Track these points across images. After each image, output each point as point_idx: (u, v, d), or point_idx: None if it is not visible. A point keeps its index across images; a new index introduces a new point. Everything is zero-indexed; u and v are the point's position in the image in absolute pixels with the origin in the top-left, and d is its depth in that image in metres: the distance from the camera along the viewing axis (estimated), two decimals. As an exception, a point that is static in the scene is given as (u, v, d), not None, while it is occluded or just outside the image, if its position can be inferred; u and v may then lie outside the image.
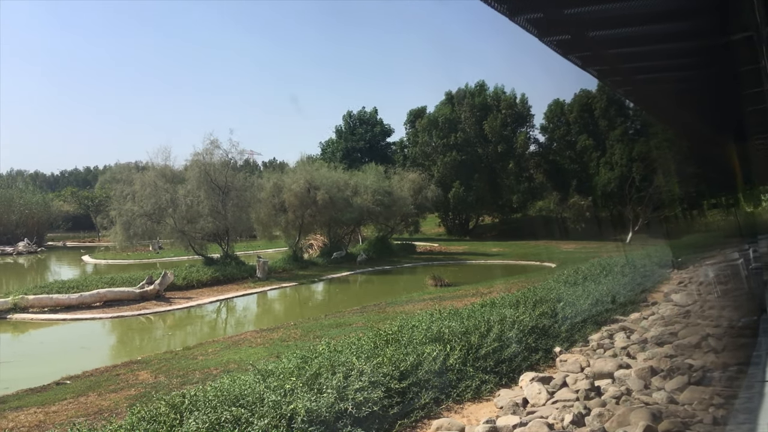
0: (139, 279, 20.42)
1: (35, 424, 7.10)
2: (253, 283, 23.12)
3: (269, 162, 66.08)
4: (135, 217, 23.96)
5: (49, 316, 17.01)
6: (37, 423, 7.17)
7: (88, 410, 7.57)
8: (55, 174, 77.36)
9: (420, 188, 35.87)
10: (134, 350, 13.70)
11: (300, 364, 6.18)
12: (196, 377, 8.87)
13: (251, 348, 11.26)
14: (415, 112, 50.48)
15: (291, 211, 28.66)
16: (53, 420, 7.22)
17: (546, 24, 5.05)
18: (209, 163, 25.40)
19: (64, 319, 16.85)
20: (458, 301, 14.62)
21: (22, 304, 17.30)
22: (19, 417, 7.55)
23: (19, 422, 7.28)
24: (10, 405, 8.34)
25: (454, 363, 6.58)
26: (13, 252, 38.85)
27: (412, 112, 50.74)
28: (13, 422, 7.30)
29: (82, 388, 8.98)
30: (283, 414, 4.80)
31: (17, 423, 7.25)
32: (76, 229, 53.01)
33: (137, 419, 4.90)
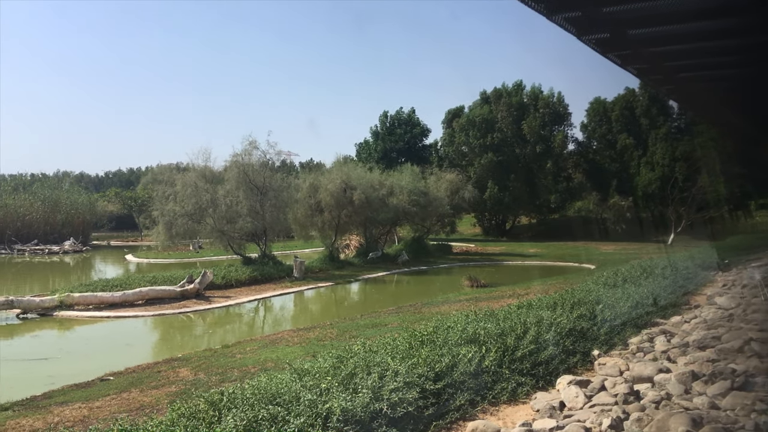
0: (179, 278, 20.84)
1: (80, 419, 7.31)
2: (290, 283, 23.36)
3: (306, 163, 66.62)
4: (176, 217, 24.43)
5: (94, 314, 17.49)
6: (82, 418, 7.38)
7: (130, 406, 7.77)
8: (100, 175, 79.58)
9: (457, 189, 35.73)
10: (175, 347, 13.98)
11: (336, 363, 6.22)
12: (234, 375, 9.01)
13: (288, 347, 11.38)
14: (453, 111, 50.26)
15: (327, 211, 28.86)
16: (97, 415, 7.42)
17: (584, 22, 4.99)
18: (248, 163, 25.76)
19: (108, 316, 17.30)
20: (494, 302, 14.51)
21: (68, 301, 17.82)
22: (64, 412, 7.79)
23: (65, 417, 7.51)
24: (55, 400, 8.61)
25: (489, 365, 6.53)
26: (60, 251, 40.03)
27: (450, 111, 50.53)
28: (58, 417, 7.53)
29: (124, 384, 9.21)
30: (319, 413, 4.84)
31: (62, 418, 7.48)
32: (119, 228, 54.36)
33: (177, 416, 5.00)
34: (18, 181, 50.67)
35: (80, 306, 17.99)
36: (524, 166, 45.47)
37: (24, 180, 54.14)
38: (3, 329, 16.10)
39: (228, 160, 26.76)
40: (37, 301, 17.67)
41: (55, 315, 17.27)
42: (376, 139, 54.66)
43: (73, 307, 17.79)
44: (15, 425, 7.28)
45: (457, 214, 38.82)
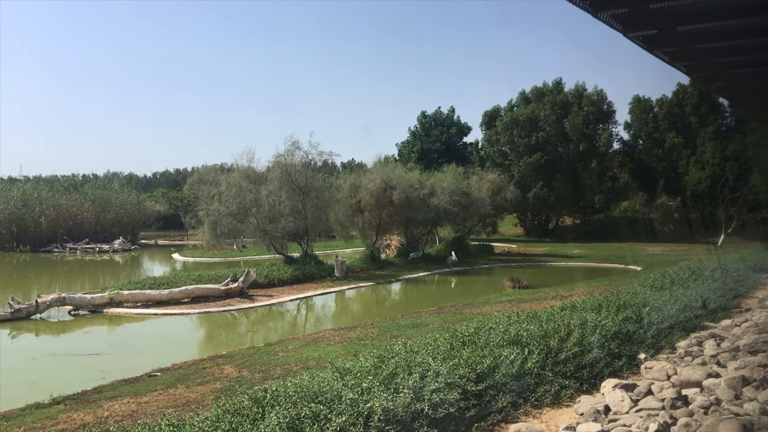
0: (224, 276, 21.23)
1: (128, 414, 7.52)
2: (332, 282, 23.54)
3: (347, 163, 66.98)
4: (221, 217, 24.88)
5: (142, 311, 17.97)
6: (130, 413, 7.58)
7: (176, 401, 7.95)
8: (148, 176, 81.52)
9: (499, 189, 35.40)
10: (219, 345, 14.25)
11: (377, 363, 6.25)
12: (277, 373, 9.13)
13: (329, 346, 11.47)
14: (490, 113, 49.81)
15: (367, 211, 28.96)
16: (145, 410, 7.62)
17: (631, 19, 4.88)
18: (290, 164, 26.05)
19: (155, 313, 17.75)
20: (537, 303, 14.33)
21: (117, 299, 18.35)
22: (113, 406, 8.03)
23: (114, 411, 7.73)
24: (105, 395, 8.88)
25: (532, 367, 6.46)
26: (110, 250, 41.21)
27: (487, 113, 50.09)
28: (108, 411, 7.77)
29: (171, 380, 9.44)
30: (361, 412, 4.87)
31: (112, 412, 7.70)
32: (166, 228, 55.64)
33: (222, 412, 5.10)
34: (70, 182, 52.32)
35: (129, 303, 18.49)
36: (568, 165, 44.68)
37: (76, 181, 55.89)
38: (56, 325, 16.69)
39: (271, 160, 27.17)
40: (88, 298, 18.25)
41: (105, 312, 17.80)
42: (414, 139, 54.54)
43: (123, 305, 18.30)
44: (66, 419, 7.53)
45: (499, 214, 38.46)
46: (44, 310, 17.32)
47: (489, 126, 49.24)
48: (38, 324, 16.63)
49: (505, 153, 46.37)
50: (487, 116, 49.82)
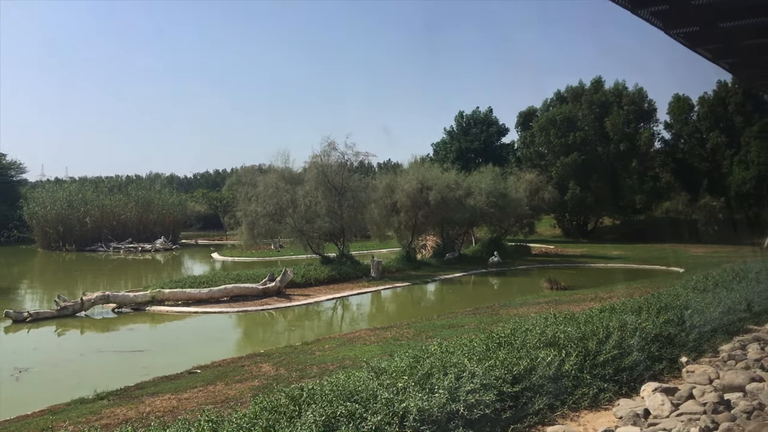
0: (261, 276, 21.51)
1: (169, 410, 7.68)
2: (367, 283, 23.62)
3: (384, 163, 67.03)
4: (258, 217, 25.19)
5: (182, 309, 18.34)
6: (171, 408, 7.75)
7: (216, 398, 8.10)
8: (189, 176, 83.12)
9: (537, 189, 35.01)
10: (257, 343, 14.45)
11: (412, 363, 6.26)
12: (313, 371, 9.22)
13: (365, 345, 11.52)
14: (524, 113, 49.32)
15: (403, 212, 28.96)
16: (185, 406, 7.78)
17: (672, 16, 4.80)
18: (326, 164, 26.23)
19: (195, 312, 18.10)
20: (575, 305, 14.14)
21: (158, 297, 18.77)
22: (155, 402, 8.22)
23: (155, 407, 7.91)
24: (147, 390, 9.09)
25: (569, 369, 6.38)
26: (152, 249, 42.17)
27: (521, 114, 49.63)
28: (149, 407, 7.95)
29: (210, 378, 9.61)
30: (396, 412, 4.89)
31: (153, 408, 7.89)
32: (206, 228, 56.65)
33: (260, 409, 5.17)
34: (114, 183, 53.69)
35: (170, 301, 18.89)
36: (607, 165, 43.88)
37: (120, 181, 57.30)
38: (101, 322, 17.16)
39: (307, 161, 27.40)
40: (131, 296, 18.71)
41: (147, 310, 18.22)
42: (451, 139, 54.30)
43: (164, 303, 18.71)
44: (110, 414, 7.73)
45: (537, 215, 38.01)
46: (89, 308, 17.82)
47: (524, 127, 48.82)
48: (83, 321, 17.12)
49: (542, 153, 45.85)
50: (522, 117, 49.41)
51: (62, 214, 42.23)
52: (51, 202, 42.55)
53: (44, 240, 42.59)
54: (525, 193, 33.36)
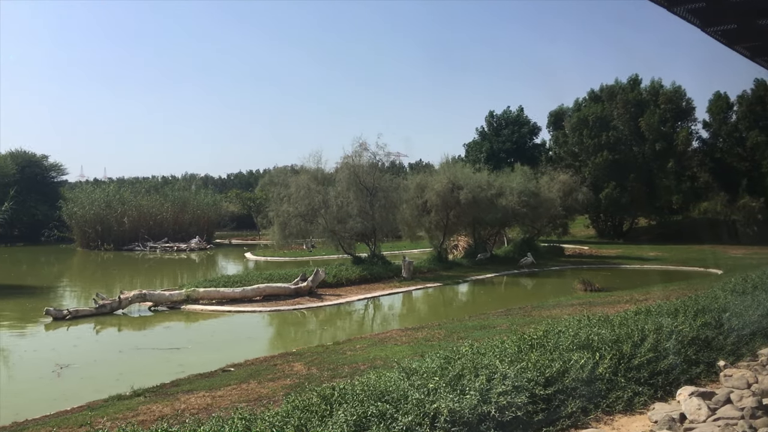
0: (293, 276, 21.69)
1: (204, 407, 7.80)
2: (399, 283, 23.63)
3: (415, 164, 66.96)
4: (290, 218, 25.39)
5: (216, 308, 18.61)
6: (206, 406, 7.87)
7: (249, 396, 8.21)
8: (223, 177, 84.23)
9: (570, 190, 34.56)
10: (289, 342, 14.59)
11: (443, 364, 6.25)
12: (345, 371, 9.27)
13: (396, 346, 11.53)
14: (555, 113, 48.74)
15: (434, 212, 28.89)
16: (219, 404, 7.90)
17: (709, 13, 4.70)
18: (358, 165, 26.30)
19: (229, 311, 18.35)
20: (609, 307, 13.93)
21: (193, 296, 19.08)
22: (190, 399, 8.36)
23: (190, 404, 8.05)
24: (182, 388, 9.25)
25: (603, 372, 6.29)
26: (187, 248, 42.86)
27: (552, 113, 49.05)
28: (184, 404, 8.09)
29: (243, 376, 9.74)
30: (427, 412, 4.89)
31: (188, 405, 8.02)
32: (239, 228, 57.36)
33: (292, 407, 5.22)
34: (151, 184, 54.69)
35: (204, 300, 19.19)
36: (643, 165, 43.07)
37: (156, 182, 58.37)
38: (138, 320, 17.52)
39: (339, 162, 27.52)
40: (167, 295, 19.06)
41: (183, 308, 18.54)
42: (482, 139, 53.98)
43: (198, 301, 19.01)
44: (146, 410, 7.89)
45: (570, 215, 37.50)
46: (126, 306, 18.21)
47: (556, 126, 48.28)
48: (120, 319, 17.50)
49: (575, 153, 45.23)
50: (553, 116, 48.88)
51: (100, 215, 43.21)
52: (89, 203, 43.56)
53: (83, 239, 43.64)
54: (558, 194, 32.95)
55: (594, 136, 43.18)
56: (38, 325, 16.67)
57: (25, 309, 19.33)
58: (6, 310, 19.45)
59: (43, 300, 20.43)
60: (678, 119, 43.61)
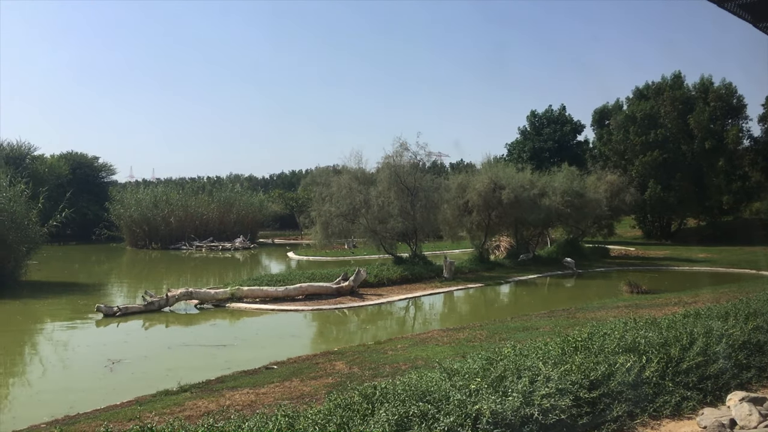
0: (335, 275, 21.85)
1: (248, 404, 7.94)
2: (440, 283, 23.56)
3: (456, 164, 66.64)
4: (332, 217, 25.58)
5: (260, 306, 18.89)
6: (249, 403, 8.01)
7: (291, 394, 8.31)
8: (266, 177, 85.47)
9: (617, 190, 33.84)
10: (331, 341, 14.72)
11: (485, 365, 6.21)
12: (386, 371, 9.30)
13: (437, 346, 11.51)
14: (600, 111, 47.77)
15: (476, 212, 28.67)
16: (262, 401, 8.02)
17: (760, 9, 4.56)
18: (399, 165, 26.31)
19: (272, 309, 18.61)
20: (657, 310, 13.60)
21: (238, 294, 19.42)
22: (234, 396, 8.52)
23: (235, 401, 8.20)
24: (227, 384, 9.43)
25: (650, 376, 6.16)
26: (231, 248, 43.62)
27: (597, 111, 48.10)
28: (229, 400, 8.25)
29: (286, 374, 9.87)
30: (469, 413, 4.87)
31: (233, 401, 8.18)
32: (282, 227, 58.07)
33: (334, 406, 5.28)
34: (197, 184, 55.81)
35: (248, 299, 19.51)
36: (692, 164, 41.86)
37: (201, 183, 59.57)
38: (184, 318, 17.92)
39: (380, 161, 27.59)
40: (212, 293, 19.45)
41: (227, 306, 18.88)
42: (524, 138, 53.36)
43: (243, 300, 19.33)
44: (192, 406, 8.07)
45: (616, 216, 36.71)
46: (173, 303, 18.65)
47: (600, 124, 47.34)
48: (168, 316, 17.93)
49: (620, 152, 44.25)
50: (597, 114, 47.95)
51: (147, 215, 44.33)
52: (136, 203, 44.76)
53: (132, 238, 44.87)
54: (605, 194, 32.30)
55: (641, 134, 42.19)
56: (90, 321, 17.23)
57: (77, 305, 20.00)
58: (60, 306, 20.18)
59: (95, 297, 21.11)
60: (728, 117, 42.23)
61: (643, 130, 42.23)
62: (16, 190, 24.32)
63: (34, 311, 19.44)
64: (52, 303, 20.69)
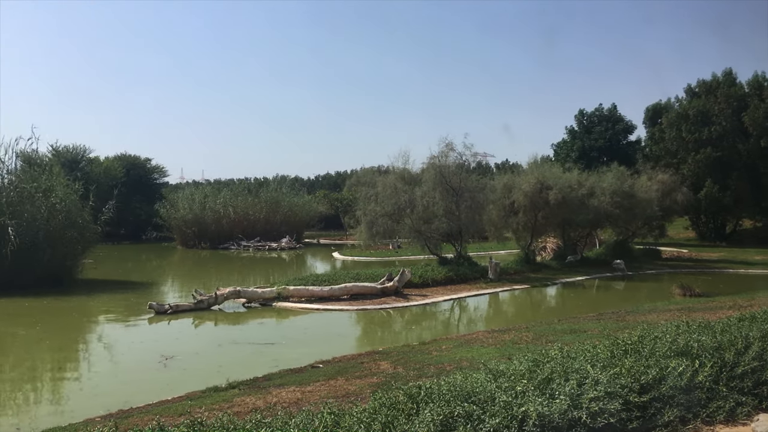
0: (380, 275, 21.93)
1: (294, 401, 8.05)
2: (485, 284, 23.38)
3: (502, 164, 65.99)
4: (377, 217, 25.66)
5: (305, 305, 19.12)
6: (296, 400, 8.12)
7: (336, 393, 8.39)
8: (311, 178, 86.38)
9: (669, 190, 32.87)
10: (376, 341, 14.79)
11: (531, 367, 6.13)
12: (430, 371, 9.28)
13: (482, 347, 11.43)
14: (652, 108, 46.48)
15: (521, 212, 28.33)
16: (308, 399, 8.12)
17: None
18: (444, 165, 26.22)
19: (317, 308, 18.81)
20: (710, 313, 13.19)
21: (284, 293, 19.70)
22: (281, 393, 8.65)
23: (281, 398, 8.33)
24: (274, 382, 9.58)
25: (703, 380, 5.98)
26: (278, 248, 44.23)
27: (649, 108, 46.82)
28: (276, 398, 8.38)
29: (331, 372, 9.96)
30: (515, 415, 4.82)
31: (280, 399, 8.30)
32: (327, 227, 58.55)
33: (379, 405, 5.30)
34: (245, 185, 56.80)
35: (294, 298, 19.77)
36: (748, 162, 40.37)
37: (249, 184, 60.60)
38: (232, 316, 18.27)
39: (425, 162, 27.54)
40: (259, 292, 19.78)
41: (274, 305, 19.17)
42: (572, 138, 52.38)
43: (289, 299, 19.60)
44: (240, 402, 8.23)
45: (668, 217, 35.68)
46: (222, 302, 19.05)
47: (652, 122, 46.09)
48: (217, 314, 18.32)
49: (672, 151, 43.01)
50: (649, 112, 46.71)
51: (198, 216, 45.37)
52: (188, 204, 45.87)
53: (182, 238, 45.98)
54: (656, 194, 31.44)
55: (694, 132, 40.95)
56: (142, 319, 17.76)
57: (130, 303, 20.64)
58: (114, 303, 20.86)
59: (146, 295, 21.74)
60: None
61: (696, 128, 40.99)
62: (72, 191, 25.27)
63: (90, 308, 20.17)
64: (106, 300, 21.42)
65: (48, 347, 14.78)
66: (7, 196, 23.03)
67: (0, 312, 18.53)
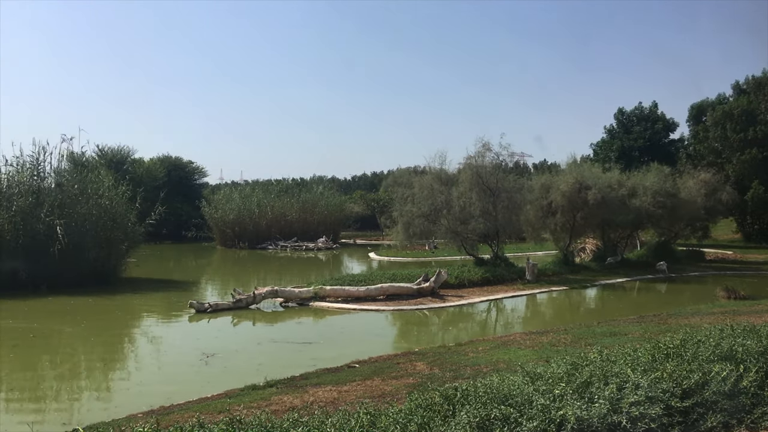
0: (416, 276, 21.92)
1: (331, 401, 8.13)
2: (522, 285, 23.15)
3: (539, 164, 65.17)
4: (413, 218, 25.65)
5: (342, 305, 19.23)
6: (332, 400, 8.19)
7: (373, 393, 8.44)
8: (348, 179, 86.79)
9: (713, 190, 32.00)
10: (412, 342, 14.78)
11: (570, 370, 6.06)
12: (467, 373, 9.26)
13: (520, 350, 11.34)
14: (697, 106, 45.28)
15: (560, 213, 27.93)
16: (345, 398, 8.19)
17: None
18: (481, 165, 26.05)
19: (354, 308, 18.90)
20: (756, 317, 12.82)
21: (320, 293, 19.86)
22: (317, 392, 8.74)
23: (318, 397, 8.42)
24: (311, 381, 9.68)
25: (748, 385, 5.81)
26: (314, 248, 44.57)
27: (694, 106, 45.64)
28: (313, 397, 8.48)
29: (368, 373, 10.01)
30: (552, 419, 4.78)
31: (316, 398, 8.40)
32: (363, 228, 58.78)
33: (415, 406, 5.31)
34: (282, 186, 57.40)
35: (331, 298, 19.90)
36: (796, 162, 39.06)
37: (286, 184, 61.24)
38: (270, 315, 18.50)
39: (461, 162, 27.39)
40: (297, 291, 19.97)
41: (311, 305, 19.34)
42: (611, 137, 51.43)
43: (325, 299, 19.75)
44: (278, 401, 8.35)
45: (712, 217, 34.73)
46: (260, 301, 19.30)
47: (697, 121, 44.93)
48: (255, 313, 18.57)
49: (717, 150, 41.84)
50: (694, 110, 45.56)
51: (237, 216, 46.05)
52: (228, 205, 46.61)
53: (222, 238, 46.74)
54: (700, 194, 30.64)
55: (740, 131, 39.78)
56: (183, 317, 18.13)
57: (171, 301, 21.09)
58: (155, 302, 21.35)
59: (187, 293, 22.18)
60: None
61: (742, 127, 39.83)
62: (117, 191, 25.93)
63: (133, 306, 20.67)
64: (148, 298, 21.94)
65: (93, 344, 15.21)
66: (56, 198, 23.72)
67: (46, 310, 19.14)
